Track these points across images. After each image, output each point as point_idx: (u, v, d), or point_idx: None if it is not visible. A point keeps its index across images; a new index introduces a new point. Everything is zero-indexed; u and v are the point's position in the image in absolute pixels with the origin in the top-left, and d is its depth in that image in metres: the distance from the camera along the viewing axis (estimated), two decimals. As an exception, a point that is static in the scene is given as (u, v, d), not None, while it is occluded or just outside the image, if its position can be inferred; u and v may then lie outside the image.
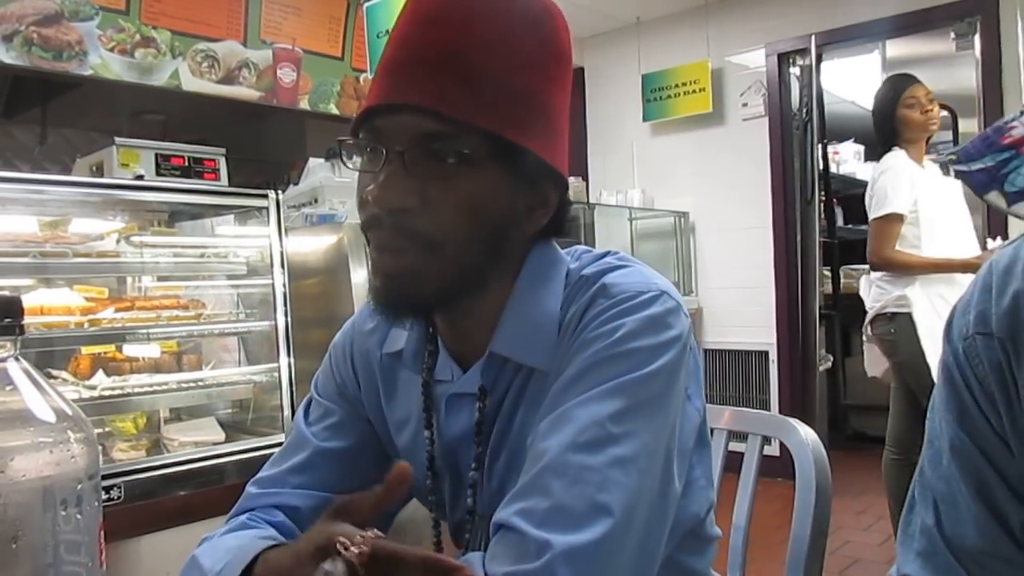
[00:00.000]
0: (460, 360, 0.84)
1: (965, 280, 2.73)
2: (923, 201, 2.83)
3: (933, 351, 2.76)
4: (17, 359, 0.49)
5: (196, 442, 2.23)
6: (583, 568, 0.62)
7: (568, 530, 0.63)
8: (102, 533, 0.48)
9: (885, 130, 2.95)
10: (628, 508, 0.66)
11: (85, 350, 2.25)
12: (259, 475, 0.90)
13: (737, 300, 4.64)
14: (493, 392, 0.81)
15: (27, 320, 1.93)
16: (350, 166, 0.78)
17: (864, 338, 3.13)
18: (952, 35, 4.00)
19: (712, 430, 1.19)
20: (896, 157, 2.89)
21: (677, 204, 4.84)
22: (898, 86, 2.95)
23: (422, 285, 0.75)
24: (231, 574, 0.70)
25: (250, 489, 0.88)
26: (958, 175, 0.52)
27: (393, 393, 0.90)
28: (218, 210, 2.48)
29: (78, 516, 0.46)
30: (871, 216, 2.88)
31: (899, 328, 2.85)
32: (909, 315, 2.81)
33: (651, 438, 0.70)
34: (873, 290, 3.01)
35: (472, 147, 0.72)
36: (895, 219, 2.80)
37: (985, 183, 0.52)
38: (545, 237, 0.83)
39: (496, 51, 0.73)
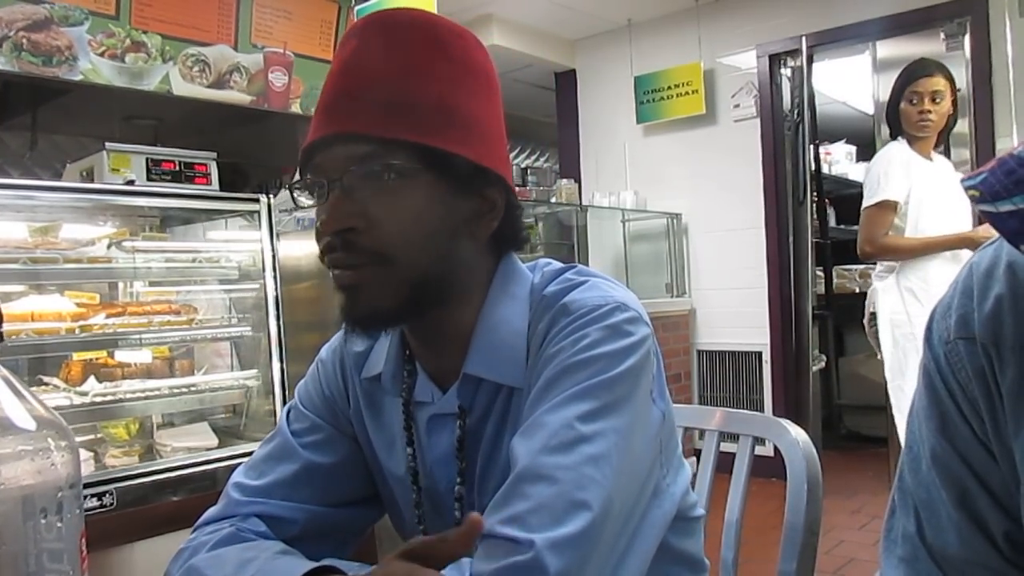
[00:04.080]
0: (438, 381, 0.88)
1: (941, 276, 2.74)
2: (917, 193, 2.80)
3: (890, 346, 2.82)
4: (-2, 366, 0.49)
5: (189, 448, 2.22)
6: (568, 556, 0.65)
7: (550, 528, 0.66)
8: (84, 541, 0.47)
9: (891, 119, 2.94)
10: (606, 503, 0.69)
11: (76, 356, 2.24)
12: (243, 480, 0.90)
13: (730, 301, 4.65)
14: (473, 411, 0.84)
15: (18, 327, 1.93)
16: (304, 205, 0.83)
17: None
18: (942, 36, 4.02)
19: (703, 431, 1.21)
20: (895, 146, 2.89)
21: (670, 206, 4.84)
22: (908, 76, 2.91)
23: (380, 296, 0.79)
24: None
25: (233, 495, 0.89)
26: (984, 216, 0.45)
27: (379, 416, 0.92)
28: (210, 214, 2.48)
29: (59, 524, 0.45)
30: (863, 203, 2.86)
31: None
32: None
33: (621, 436, 0.73)
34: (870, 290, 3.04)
35: (402, 160, 0.77)
36: (888, 207, 2.79)
37: (1018, 231, 0.44)
38: (504, 249, 0.87)
39: (411, 74, 0.79)
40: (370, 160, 0.77)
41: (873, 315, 2.95)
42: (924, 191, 2.82)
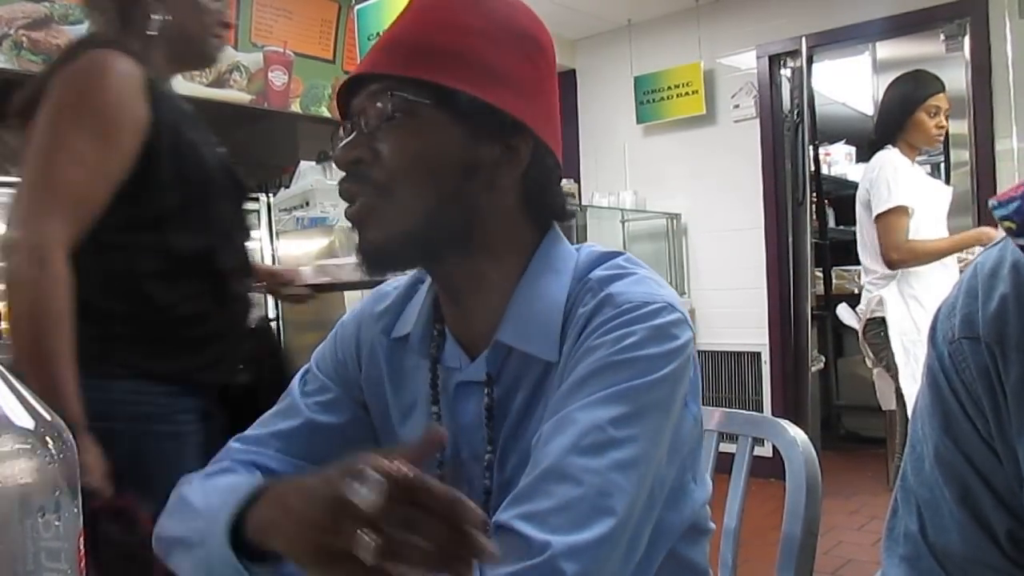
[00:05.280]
0: (467, 348, 0.87)
1: (941, 283, 2.76)
2: (919, 199, 2.84)
3: (902, 355, 2.81)
4: (-4, 364, 0.49)
5: (187, 446, 2.22)
6: (585, 563, 0.64)
7: (569, 531, 0.65)
8: (81, 540, 0.47)
9: (891, 124, 2.91)
10: (628, 510, 0.68)
11: (75, 355, 2.24)
12: (244, 433, 0.91)
13: (729, 301, 4.65)
14: (501, 380, 0.83)
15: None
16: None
17: (875, 371, 3.11)
18: (942, 37, 4.02)
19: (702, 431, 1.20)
20: (893, 154, 2.88)
21: (669, 206, 4.85)
22: (927, 87, 2.88)
23: (383, 227, 0.80)
24: (232, 507, 0.71)
25: (232, 444, 0.90)
26: (1021, 248, 0.43)
27: (400, 379, 0.92)
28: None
29: (57, 523, 0.45)
30: (875, 212, 2.83)
31: (886, 331, 2.88)
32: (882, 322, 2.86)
33: (650, 443, 0.72)
34: (863, 295, 3.04)
35: (411, 94, 0.78)
36: (902, 211, 2.79)
37: None
38: (545, 217, 0.86)
39: (444, 27, 0.81)
40: (381, 94, 0.79)
41: (871, 321, 2.95)
42: (922, 198, 2.86)
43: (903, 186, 2.81)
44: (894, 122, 2.91)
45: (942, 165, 4.57)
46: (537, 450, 0.72)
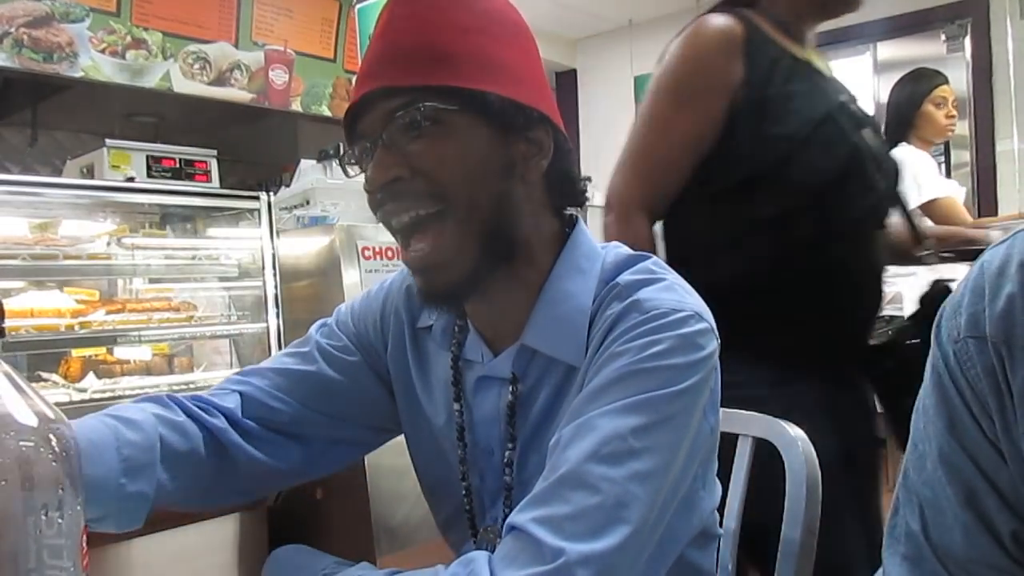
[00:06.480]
0: (489, 342, 0.86)
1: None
2: (948, 188, 2.82)
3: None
4: (-2, 361, 0.49)
5: (187, 445, 2.22)
6: (598, 571, 0.64)
7: (584, 539, 0.65)
8: (84, 538, 0.47)
9: (900, 122, 2.88)
10: (643, 520, 0.68)
11: (76, 352, 2.24)
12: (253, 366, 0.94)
13: (730, 301, 4.65)
14: (524, 380, 0.83)
15: (17, 323, 1.93)
16: (352, 175, 0.84)
17: None
18: (943, 37, 4.02)
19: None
20: (909, 149, 2.82)
21: (670, 205, 4.84)
22: (931, 80, 2.88)
23: (456, 263, 0.78)
24: None
25: (234, 376, 0.93)
26: None
27: (423, 363, 0.92)
28: (209, 212, 2.47)
29: (60, 521, 0.45)
30: (922, 200, 2.70)
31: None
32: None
33: (669, 454, 0.71)
34: None
35: (434, 102, 0.76)
36: (948, 199, 2.73)
37: None
38: (564, 205, 0.86)
39: (433, 28, 0.79)
40: (403, 109, 0.77)
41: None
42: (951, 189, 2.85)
43: (936, 176, 2.77)
44: (903, 119, 2.87)
45: (942, 166, 4.57)
46: (556, 454, 0.71)
